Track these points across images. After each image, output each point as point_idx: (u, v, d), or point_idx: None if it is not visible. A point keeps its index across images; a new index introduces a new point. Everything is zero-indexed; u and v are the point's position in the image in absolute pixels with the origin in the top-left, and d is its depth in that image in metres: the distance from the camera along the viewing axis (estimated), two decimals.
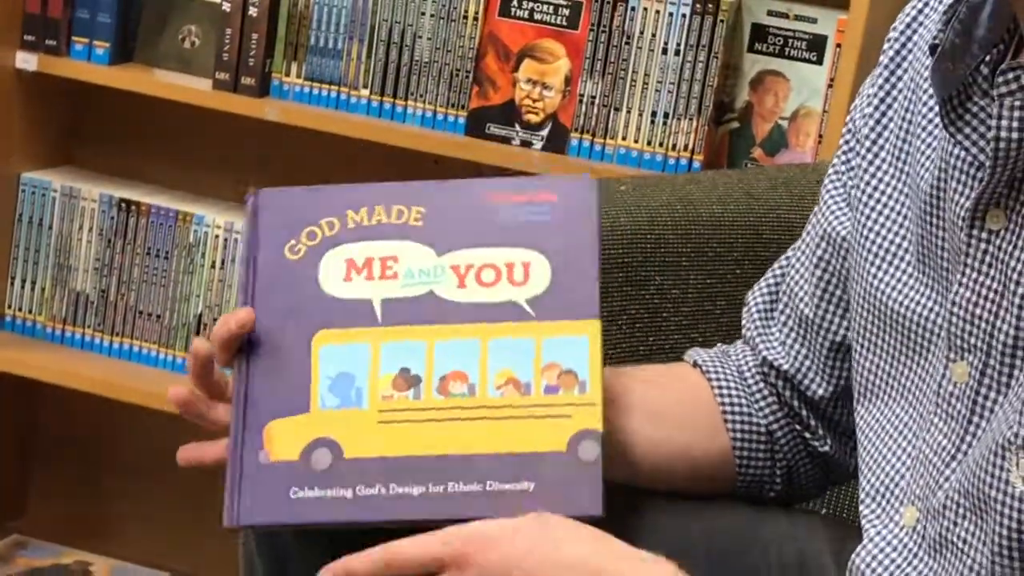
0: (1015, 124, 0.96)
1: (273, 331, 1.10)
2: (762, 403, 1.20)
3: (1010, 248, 0.98)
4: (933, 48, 1.03)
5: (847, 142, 1.20)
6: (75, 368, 2.12)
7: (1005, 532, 0.98)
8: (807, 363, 1.19)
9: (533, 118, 2.06)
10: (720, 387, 1.21)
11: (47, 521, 2.31)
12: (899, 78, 1.15)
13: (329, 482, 1.07)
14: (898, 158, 1.12)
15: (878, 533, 1.08)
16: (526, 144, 2.04)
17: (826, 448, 1.21)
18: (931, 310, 1.06)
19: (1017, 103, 0.95)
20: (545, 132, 2.06)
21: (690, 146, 1.94)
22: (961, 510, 1.01)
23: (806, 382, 1.19)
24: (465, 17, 2.06)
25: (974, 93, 1.01)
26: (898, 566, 1.06)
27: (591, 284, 1.11)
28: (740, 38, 1.98)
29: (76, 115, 2.32)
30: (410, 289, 1.11)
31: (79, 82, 2.15)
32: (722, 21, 1.97)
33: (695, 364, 1.23)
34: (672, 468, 1.18)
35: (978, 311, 1.00)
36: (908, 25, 1.14)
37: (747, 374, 1.20)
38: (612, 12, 1.99)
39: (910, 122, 1.11)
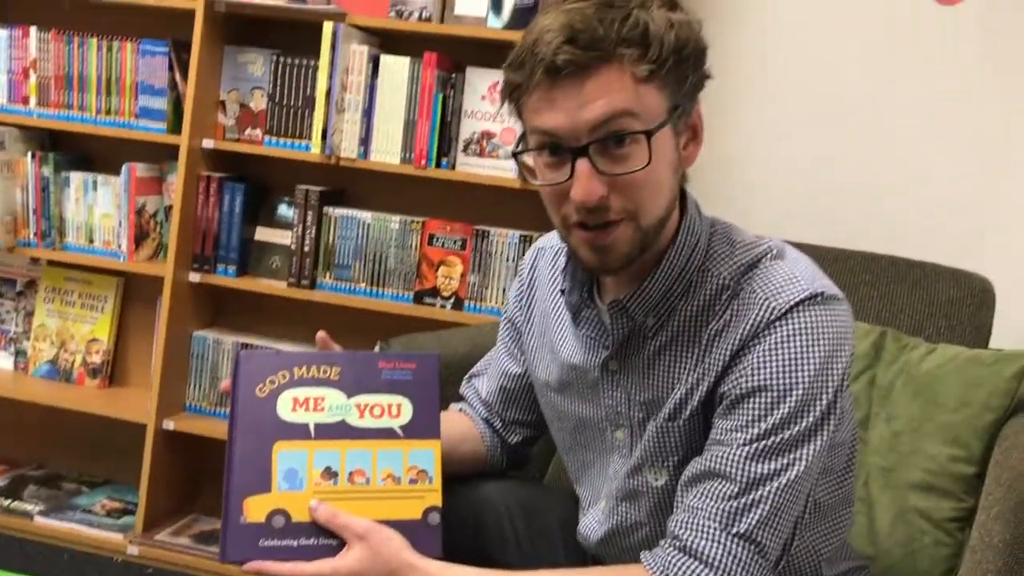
0: (619, 330, 1.26)
1: (249, 441, 1.18)
2: (498, 423, 1.55)
3: (624, 379, 1.28)
4: (563, 291, 1.34)
5: (506, 328, 1.52)
6: None
7: (652, 505, 1.31)
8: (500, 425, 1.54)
9: (446, 293, 2.66)
10: (477, 421, 1.55)
11: None
12: (532, 295, 1.47)
13: (283, 536, 1.17)
14: (543, 334, 1.43)
15: (591, 513, 1.41)
16: (443, 307, 2.64)
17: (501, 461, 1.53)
18: (586, 411, 1.36)
19: (617, 319, 1.25)
20: (451, 300, 2.66)
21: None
22: (618, 498, 1.33)
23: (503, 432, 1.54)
24: (412, 246, 2.65)
25: (584, 307, 1.32)
26: (594, 530, 1.40)
27: (435, 417, 1.24)
28: None
29: (217, 307, 2.95)
30: (332, 417, 1.19)
31: (215, 285, 2.74)
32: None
33: (461, 410, 1.58)
34: (463, 462, 1.52)
35: (621, 408, 1.31)
36: (533, 259, 1.49)
37: (490, 406, 1.56)
38: (482, 243, 2.62)
39: (546, 316, 1.42)
